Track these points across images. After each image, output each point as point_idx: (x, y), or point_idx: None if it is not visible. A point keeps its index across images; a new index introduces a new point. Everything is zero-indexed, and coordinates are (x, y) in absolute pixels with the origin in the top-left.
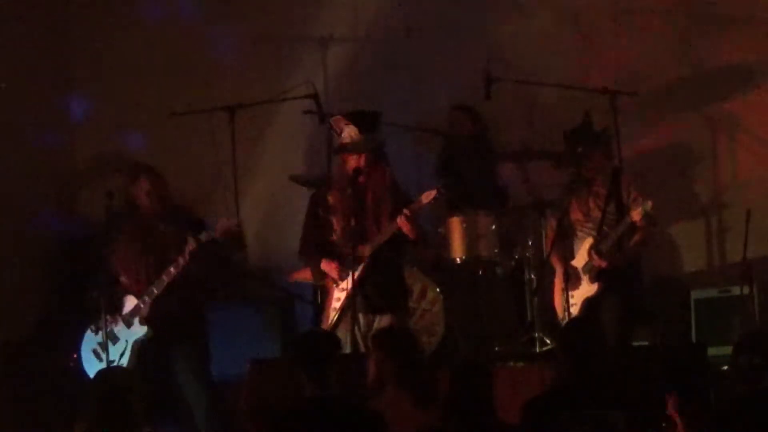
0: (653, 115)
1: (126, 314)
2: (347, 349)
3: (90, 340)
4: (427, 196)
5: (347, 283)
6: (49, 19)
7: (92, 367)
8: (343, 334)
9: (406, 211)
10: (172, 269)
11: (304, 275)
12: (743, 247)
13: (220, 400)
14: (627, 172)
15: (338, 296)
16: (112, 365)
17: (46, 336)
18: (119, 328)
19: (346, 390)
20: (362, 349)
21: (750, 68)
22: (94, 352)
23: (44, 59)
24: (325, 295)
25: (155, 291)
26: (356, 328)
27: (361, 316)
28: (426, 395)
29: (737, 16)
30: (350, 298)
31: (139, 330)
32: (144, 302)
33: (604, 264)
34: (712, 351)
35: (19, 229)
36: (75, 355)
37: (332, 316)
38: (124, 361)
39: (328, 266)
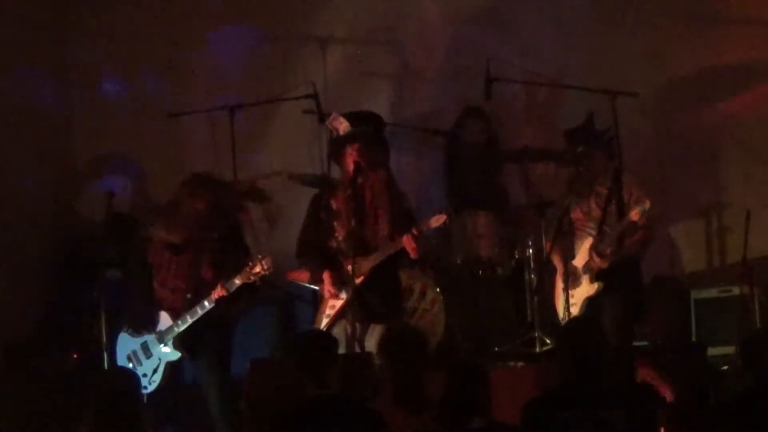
0: (654, 115)
1: (161, 331)
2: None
3: (125, 342)
4: (437, 220)
5: (344, 292)
6: (49, 18)
7: None
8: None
9: (414, 230)
10: (206, 303)
11: (301, 276)
12: (743, 247)
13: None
14: (628, 172)
15: (333, 303)
16: (127, 370)
17: (46, 336)
18: (153, 343)
19: (346, 390)
20: (356, 349)
21: (750, 68)
22: (129, 358)
23: (44, 59)
24: (320, 298)
25: (189, 319)
26: (353, 334)
27: (357, 324)
28: (419, 401)
29: (737, 16)
30: (347, 305)
31: (173, 353)
32: (178, 326)
33: (604, 265)
34: (712, 351)
35: (19, 229)
36: (75, 355)
37: (324, 321)
38: (157, 378)
39: (327, 278)
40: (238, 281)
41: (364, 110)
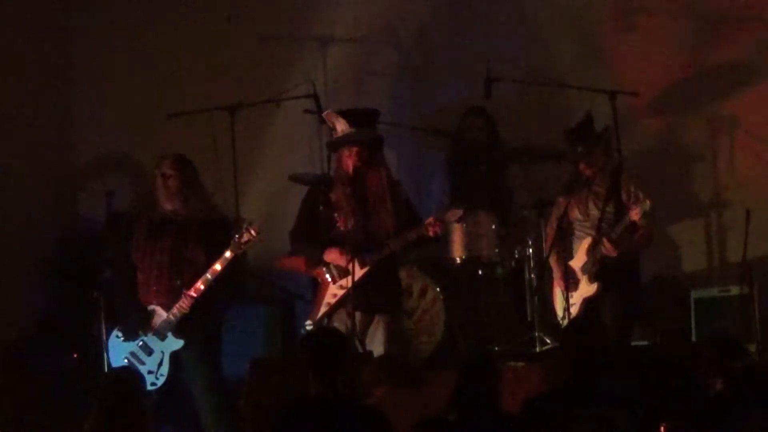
0: (653, 114)
1: (158, 327)
2: None
3: (119, 346)
4: (453, 215)
5: (346, 282)
6: (50, 19)
7: None
8: None
9: (437, 219)
10: (201, 285)
11: (296, 263)
12: (743, 247)
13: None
14: (627, 172)
15: (334, 292)
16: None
17: (46, 336)
18: (151, 340)
19: (350, 389)
20: (358, 347)
21: (750, 68)
22: (127, 360)
23: (45, 59)
24: (318, 288)
25: (184, 307)
26: (353, 328)
27: (358, 315)
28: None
29: (738, 16)
30: (347, 297)
31: (175, 343)
32: (175, 316)
33: (614, 253)
34: None
35: (19, 229)
36: (75, 355)
37: (322, 310)
38: (164, 371)
39: (332, 255)
40: (228, 254)
41: (361, 108)
